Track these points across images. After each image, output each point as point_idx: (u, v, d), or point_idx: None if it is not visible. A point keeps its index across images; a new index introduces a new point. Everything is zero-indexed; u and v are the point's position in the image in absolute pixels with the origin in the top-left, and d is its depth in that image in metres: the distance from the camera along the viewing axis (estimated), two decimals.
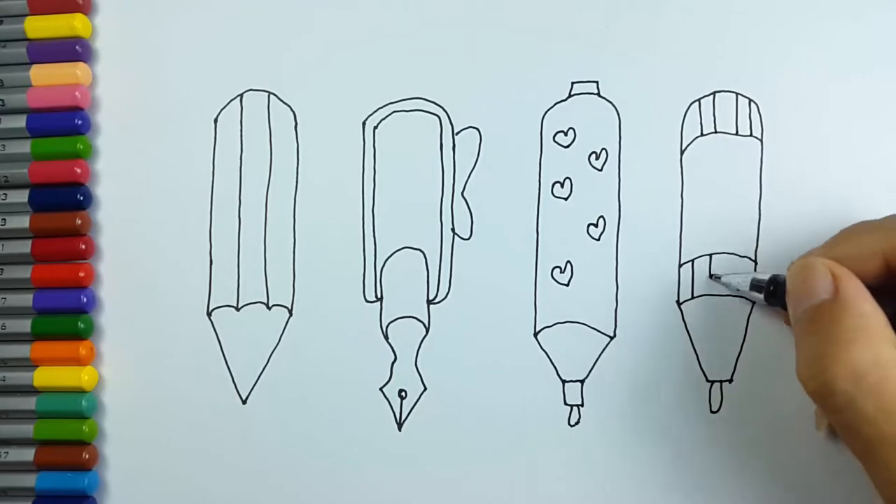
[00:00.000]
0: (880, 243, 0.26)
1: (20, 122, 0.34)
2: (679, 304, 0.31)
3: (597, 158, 0.32)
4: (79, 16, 0.34)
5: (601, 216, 0.32)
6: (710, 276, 0.31)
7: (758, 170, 0.31)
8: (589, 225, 0.32)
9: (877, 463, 0.24)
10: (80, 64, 0.34)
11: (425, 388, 0.33)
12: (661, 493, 0.31)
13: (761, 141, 0.31)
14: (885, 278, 0.26)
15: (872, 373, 0.24)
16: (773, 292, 0.29)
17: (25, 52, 0.34)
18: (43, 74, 0.34)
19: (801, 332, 0.26)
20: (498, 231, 0.33)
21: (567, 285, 0.32)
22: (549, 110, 0.32)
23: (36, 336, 0.34)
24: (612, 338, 0.32)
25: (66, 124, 0.34)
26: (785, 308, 0.28)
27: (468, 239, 0.33)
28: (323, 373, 0.33)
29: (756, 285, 0.29)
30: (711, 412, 0.31)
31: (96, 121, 0.35)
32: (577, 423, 0.32)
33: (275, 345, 0.33)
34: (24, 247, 0.34)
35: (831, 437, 0.30)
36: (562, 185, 0.32)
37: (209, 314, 0.34)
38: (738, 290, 0.30)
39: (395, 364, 0.33)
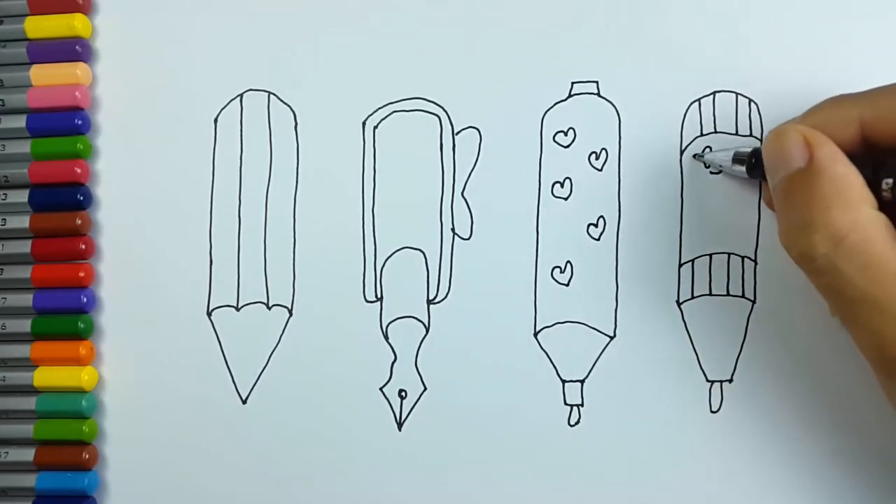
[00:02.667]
0: (856, 110, 0.26)
1: (20, 122, 0.34)
2: (679, 304, 0.31)
3: (597, 158, 0.32)
4: (79, 16, 0.34)
5: (601, 216, 0.32)
6: (693, 155, 0.31)
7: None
8: (589, 225, 0.32)
9: (859, 323, 0.25)
10: (80, 64, 0.34)
11: (425, 388, 0.33)
12: (660, 494, 0.31)
13: (761, 141, 0.31)
14: (861, 147, 0.26)
15: (851, 235, 0.24)
16: (755, 164, 0.29)
17: (25, 52, 0.34)
18: (43, 74, 0.34)
19: (780, 200, 0.26)
20: (498, 231, 0.33)
21: (567, 285, 0.32)
22: (549, 110, 0.32)
23: (36, 336, 0.34)
24: (612, 338, 0.32)
25: (66, 124, 0.34)
26: (766, 180, 0.28)
27: (468, 239, 0.33)
28: (323, 373, 0.33)
29: (738, 159, 0.29)
30: (711, 412, 0.31)
31: (96, 121, 0.35)
32: (577, 423, 0.32)
33: (275, 345, 0.33)
34: (24, 247, 0.34)
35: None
36: (562, 185, 0.32)
37: (209, 314, 0.34)
38: (720, 166, 0.30)
39: (395, 364, 0.33)
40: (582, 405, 0.32)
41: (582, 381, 0.32)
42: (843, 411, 0.30)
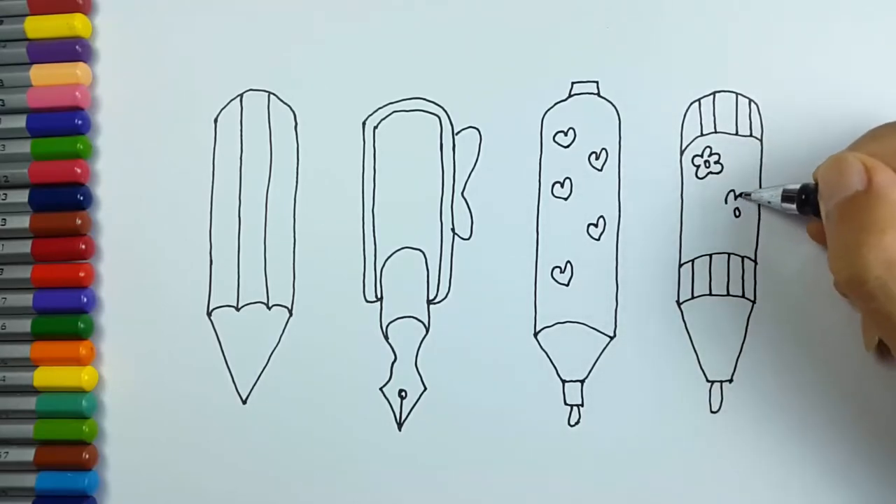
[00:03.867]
0: None
1: (20, 122, 0.34)
2: (679, 304, 0.31)
3: (597, 158, 0.32)
4: (79, 16, 0.34)
5: (601, 216, 0.32)
6: (740, 194, 0.31)
7: (758, 170, 0.31)
8: (589, 225, 0.32)
9: None
10: (80, 64, 0.34)
11: (425, 388, 0.33)
12: (661, 493, 0.31)
13: (761, 141, 0.31)
14: None
15: None
16: (805, 200, 0.29)
17: (25, 52, 0.34)
18: (43, 74, 0.34)
19: (834, 224, 0.26)
20: (498, 231, 0.33)
21: (567, 285, 0.32)
22: (549, 110, 0.32)
23: (36, 336, 0.34)
24: (612, 338, 0.32)
25: (66, 124, 0.34)
26: (817, 215, 0.28)
27: (468, 239, 0.33)
28: (323, 373, 0.33)
29: (787, 196, 0.29)
30: (711, 412, 0.31)
31: (96, 121, 0.35)
32: (577, 423, 0.32)
33: (275, 345, 0.33)
34: (24, 247, 0.34)
35: (881, 359, 0.30)
36: (562, 185, 0.32)
37: (209, 314, 0.34)
38: (768, 202, 0.30)
39: (395, 364, 0.33)
40: (582, 405, 0.32)
41: (582, 381, 0.32)
42: (844, 410, 0.30)
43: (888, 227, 0.25)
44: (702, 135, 0.32)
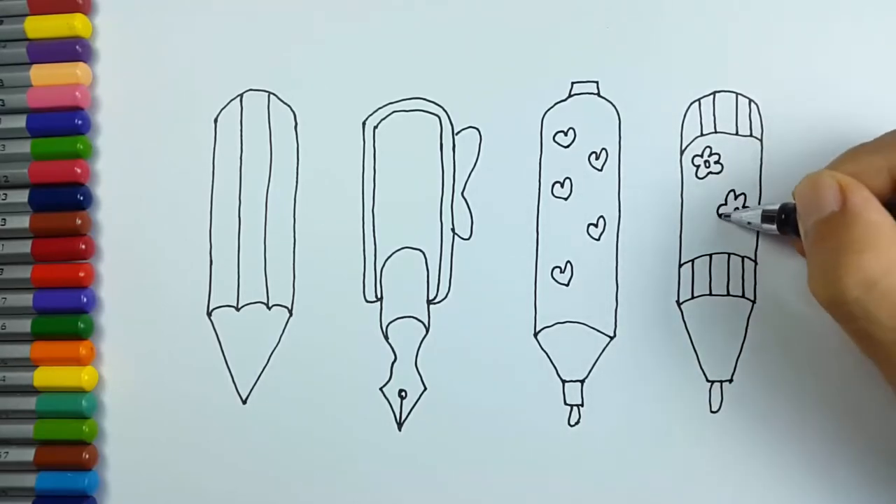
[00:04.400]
0: (886, 160, 0.26)
1: (20, 122, 0.34)
2: (679, 304, 0.31)
3: (597, 158, 0.32)
4: (79, 16, 0.34)
5: (601, 216, 0.32)
6: (719, 215, 0.31)
7: (758, 170, 0.31)
8: (589, 225, 0.32)
9: (892, 366, 0.25)
10: (80, 64, 0.34)
11: (425, 388, 0.33)
12: (661, 494, 0.31)
13: (761, 141, 0.31)
14: (892, 194, 0.26)
15: (884, 280, 0.24)
16: (785, 220, 0.29)
17: (25, 52, 0.34)
18: (43, 74, 0.34)
19: (812, 245, 0.26)
20: (498, 231, 0.33)
21: (567, 285, 0.32)
22: (549, 110, 0.32)
23: (36, 336, 0.34)
24: (612, 338, 0.32)
25: (66, 124, 0.34)
26: (798, 234, 0.28)
27: (468, 239, 0.33)
28: (323, 373, 0.33)
29: (767, 216, 0.29)
30: (711, 412, 0.31)
31: (96, 121, 0.35)
32: (577, 423, 0.32)
33: (275, 345, 0.33)
34: (24, 247, 0.34)
35: None
36: (562, 185, 0.32)
37: (209, 314, 0.34)
38: (748, 223, 0.30)
39: (395, 364, 0.33)
40: (582, 405, 0.32)
41: (582, 381, 0.32)
42: (844, 411, 0.30)
43: (865, 248, 0.24)
44: (702, 135, 0.32)
